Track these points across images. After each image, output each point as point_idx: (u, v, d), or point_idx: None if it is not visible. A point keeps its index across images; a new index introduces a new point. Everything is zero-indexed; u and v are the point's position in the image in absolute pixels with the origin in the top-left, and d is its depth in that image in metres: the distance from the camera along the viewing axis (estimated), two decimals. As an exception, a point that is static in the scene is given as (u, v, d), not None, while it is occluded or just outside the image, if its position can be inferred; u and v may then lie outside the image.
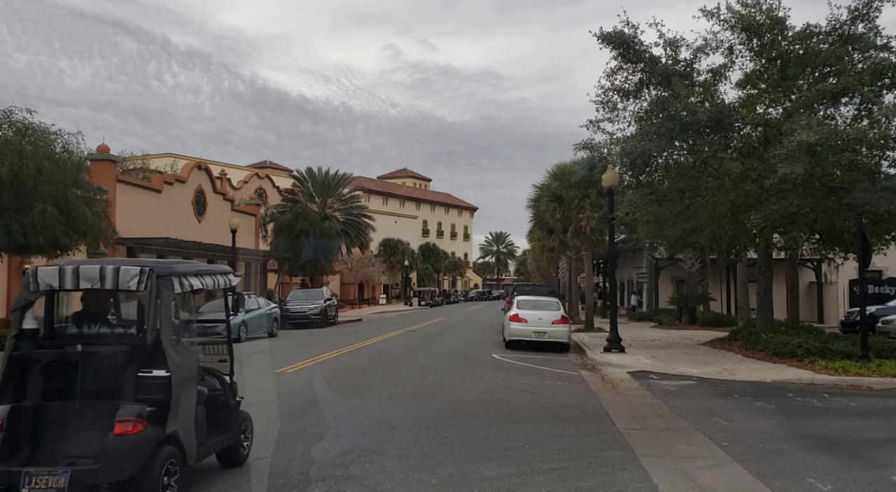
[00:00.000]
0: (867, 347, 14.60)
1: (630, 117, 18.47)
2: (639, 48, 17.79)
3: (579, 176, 30.85)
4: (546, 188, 35.22)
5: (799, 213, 15.80)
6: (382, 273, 70.93)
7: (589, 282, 34.15)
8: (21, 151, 16.95)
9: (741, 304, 26.23)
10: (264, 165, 74.23)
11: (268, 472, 6.65)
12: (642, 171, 18.26)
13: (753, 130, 17.95)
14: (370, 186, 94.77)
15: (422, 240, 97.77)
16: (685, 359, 17.04)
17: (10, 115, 18.17)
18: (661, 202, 18.34)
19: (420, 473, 6.63)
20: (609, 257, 22.65)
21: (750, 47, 17.57)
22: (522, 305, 21.45)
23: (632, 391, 12.53)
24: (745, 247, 21.54)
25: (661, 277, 36.43)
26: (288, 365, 15.55)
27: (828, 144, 14.28)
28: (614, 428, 8.96)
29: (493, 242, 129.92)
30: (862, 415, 10.22)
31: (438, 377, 14.03)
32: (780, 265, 23.67)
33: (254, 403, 10.70)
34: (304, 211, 44.20)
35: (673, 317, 31.63)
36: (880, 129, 14.80)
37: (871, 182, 15.28)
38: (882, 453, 7.65)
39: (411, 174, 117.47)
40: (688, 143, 17.81)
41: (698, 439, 8.11)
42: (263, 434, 8.26)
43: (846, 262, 22.03)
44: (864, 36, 16.52)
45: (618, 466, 6.95)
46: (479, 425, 9.07)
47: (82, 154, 20.47)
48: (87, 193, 19.59)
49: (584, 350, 20.09)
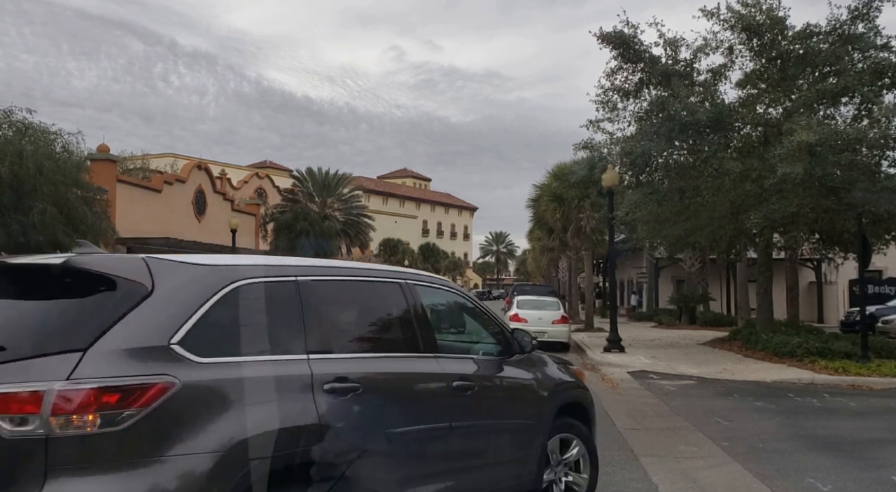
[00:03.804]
0: (867, 348, 14.60)
1: (630, 117, 18.48)
2: (639, 48, 17.79)
3: (579, 176, 30.84)
4: (546, 188, 35.23)
5: (799, 213, 15.80)
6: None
7: (589, 282, 34.15)
8: (21, 150, 16.98)
9: (741, 304, 26.24)
10: (264, 165, 74.28)
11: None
12: (642, 171, 18.27)
13: (753, 130, 17.96)
14: (370, 185, 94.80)
15: (422, 240, 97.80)
16: (685, 359, 17.03)
17: (10, 115, 18.19)
18: (661, 202, 18.35)
19: (420, 473, 6.61)
20: (609, 257, 22.65)
21: (750, 47, 17.57)
22: (522, 305, 21.48)
23: (632, 391, 12.53)
24: (745, 247, 21.54)
25: (661, 277, 36.44)
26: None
27: (828, 144, 14.28)
28: (614, 428, 8.94)
29: (493, 241, 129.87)
30: (862, 415, 10.22)
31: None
32: (780, 265, 23.67)
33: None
34: (304, 211, 44.22)
35: (673, 317, 31.64)
36: (880, 129, 14.81)
37: (871, 182, 15.28)
38: (882, 453, 7.64)
39: (411, 174, 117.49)
40: (688, 143, 17.81)
41: (698, 439, 8.10)
42: (263, 434, 8.25)
43: (846, 262, 22.03)
44: (864, 36, 16.52)
45: (618, 465, 6.94)
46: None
47: (82, 154, 20.52)
48: (87, 192, 19.63)
49: (584, 350, 20.09)
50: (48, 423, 2.59)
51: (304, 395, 3.28)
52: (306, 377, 3.33)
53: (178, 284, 3.11)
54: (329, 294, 3.80)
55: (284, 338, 3.39)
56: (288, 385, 3.25)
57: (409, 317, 4.19)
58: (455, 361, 4.45)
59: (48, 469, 2.58)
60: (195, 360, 2.95)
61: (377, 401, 3.64)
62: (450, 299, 4.96)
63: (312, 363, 3.39)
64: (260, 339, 3.31)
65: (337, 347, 3.69)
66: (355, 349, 3.84)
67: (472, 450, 4.34)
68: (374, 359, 3.87)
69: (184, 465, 2.78)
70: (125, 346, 2.82)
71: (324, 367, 3.43)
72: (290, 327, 3.43)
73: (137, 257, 3.16)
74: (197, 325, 3.03)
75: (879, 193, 14.87)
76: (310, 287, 3.62)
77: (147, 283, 3.01)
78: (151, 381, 2.78)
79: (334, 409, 3.36)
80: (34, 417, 2.59)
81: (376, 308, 4.18)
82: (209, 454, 2.83)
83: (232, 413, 2.96)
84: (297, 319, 3.47)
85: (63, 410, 2.61)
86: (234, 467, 2.89)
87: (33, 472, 2.57)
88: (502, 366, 4.80)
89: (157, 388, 2.78)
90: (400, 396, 3.91)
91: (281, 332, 3.39)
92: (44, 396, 2.60)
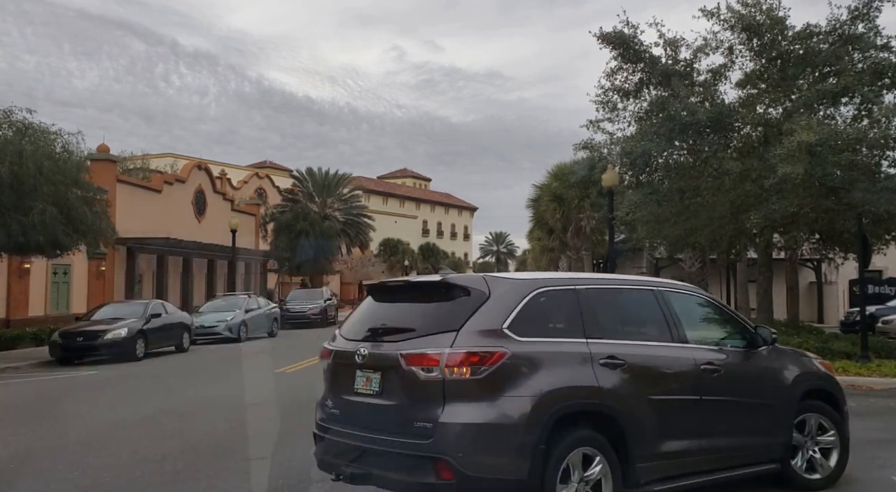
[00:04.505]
0: (867, 348, 14.58)
1: (630, 117, 18.47)
2: (638, 48, 17.78)
3: (579, 176, 30.85)
4: (546, 188, 35.24)
5: (799, 213, 15.79)
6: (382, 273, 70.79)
7: (589, 282, 34.12)
8: (21, 150, 16.95)
9: (741, 304, 26.22)
10: (264, 165, 74.21)
11: (268, 472, 6.65)
12: (642, 171, 18.26)
13: (753, 130, 17.95)
14: (370, 185, 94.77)
15: (422, 240, 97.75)
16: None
17: (9, 115, 18.16)
18: (661, 202, 18.34)
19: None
20: (609, 257, 22.65)
21: (750, 47, 17.56)
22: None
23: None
24: (745, 247, 21.52)
25: (661, 277, 36.41)
26: (288, 365, 15.55)
27: (828, 144, 14.27)
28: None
29: (493, 241, 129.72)
30: (862, 415, 10.19)
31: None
32: (780, 265, 23.65)
33: (254, 403, 10.71)
34: (304, 211, 44.23)
35: (673, 317, 31.57)
36: (880, 129, 14.80)
37: (871, 182, 15.27)
38: (882, 453, 7.64)
39: (411, 174, 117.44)
40: (688, 143, 17.80)
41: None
42: (263, 434, 8.26)
43: (846, 262, 22.02)
44: (864, 36, 16.50)
45: (618, 466, 6.94)
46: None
47: (82, 154, 20.48)
48: (87, 192, 19.60)
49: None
50: (443, 371, 4.52)
51: (585, 366, 4.89)
52: (587, 354, 4.93)
53: (504, 291, 4.93)
54: (599, 298, 5.38)
55: (570, 327, 5.06)
56: (575, 358, 4.89)
57: (661, 315, 5.60)
58: (702, 351, 5.68)
59: (445, 397, 4.51)
60: (517, 338, 4.71)
61: (639, 374, 5.14)
62: (698, 302, 6.20)
63: (591, 345, 4.99)
64: (554, 327, 5.06)
65: (607, 335, 5.16)
66: (621, 337, 5.29)
67: (721, 420, 5.61)
68: (635, 345, 5.32)
69: (515, 401, 4.54)
70: (478, 328, 4.67)
71: (599, 348, 5.00)
72: (572, 320, 5.09)
73: (479, 276, 5.11)
74: (516, 316, 4.79)
75: (879, 193, 14.86)
76: (585, 293, 5.28)
77: (486, 291, 4.88)
78: (494, 350, 4.58)
79: (607, 376, 4.93)
80: (435, 368, 4.55)
81: (635, 308, 5.69)
82: (529, 396, 4.56)
83: (540, 373, 4.68)
84: (577, 314, 5.11)
85: (450, 364, 4.52)
86: (544, 406, 4.57)
87: (438, 398, 4.53)
88: (747, 356, 6.00)
89: (498, 354, 4.58)
90: (655, 373, 5.35)
91: (567, 323, 5.08)
92: (440, 356, 4.55)
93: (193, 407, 10.72)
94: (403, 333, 4.88)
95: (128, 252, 30.39)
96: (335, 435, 5.12)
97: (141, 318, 19.24)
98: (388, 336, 4.98)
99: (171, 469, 6.91)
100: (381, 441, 4.71)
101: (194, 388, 13.17)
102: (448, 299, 4.91)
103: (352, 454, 4.93)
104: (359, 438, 4.89)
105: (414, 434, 4.52)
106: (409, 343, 4.75)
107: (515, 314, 4.78)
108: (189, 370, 16.19)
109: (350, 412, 5.05)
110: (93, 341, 18.19)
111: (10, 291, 24.56)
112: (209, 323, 24.09)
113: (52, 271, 26.66)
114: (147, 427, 9.17)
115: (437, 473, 4.43)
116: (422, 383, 4.56)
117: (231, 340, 23.80)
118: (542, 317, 4.96)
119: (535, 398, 4.55)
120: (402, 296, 5.40)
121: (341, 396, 5.18)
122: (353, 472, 4.86)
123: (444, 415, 4.46)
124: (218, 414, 10.00)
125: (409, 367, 4.63)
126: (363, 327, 5.25)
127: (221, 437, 8.42)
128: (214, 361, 18.06)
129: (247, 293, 30.45)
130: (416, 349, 4.66)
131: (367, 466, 4.79)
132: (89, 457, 7.51)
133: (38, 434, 8.88)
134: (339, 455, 5.03)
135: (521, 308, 4.83)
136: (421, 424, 4.51)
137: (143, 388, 13.51)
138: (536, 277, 5.30)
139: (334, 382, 5.37)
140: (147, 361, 18.29)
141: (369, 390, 4.90)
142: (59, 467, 7.07)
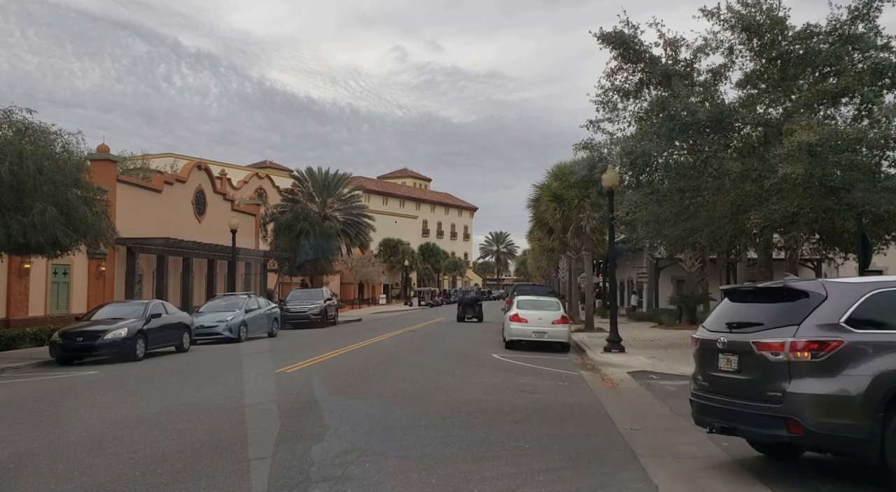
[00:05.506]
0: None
1: (630, 117, 18.50)
2: (639, 48, 17.80)
3: (579, 176, 30.79)
4: (546, 188, 35.20)
5: (799, 213, 15.80)
6: (382, 273, 70.95)
7: (589, 282, 34.15)
8: (21, 150, 16.92)
9: (741, 304, 26.19)
10: (264, 165, 74.26)
11: (268, 472, 6.65)
12: (642, 171, 18.26)
13: (753, 130, 17.96)
14: (370, 185, 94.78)
15: (422, 240, 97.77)
16: (685, 359, 17.01)
17: (9, 115, 18.14)
18: (661, 202, 18.34)
19: (420, 473, 6.62)
20: (609, 257, 22.64)
21: (750, 47, 17.57)
22: (522, 305, 21.42)
23: (632, 391, 12.53)
24: (745, 247, 21.55)
25: (661, 277, 36.42)
26: (288, 365, 15.54)
27: (828, 144, 14.28)
28: (614, 428, 8.96)
29: (493, 242, 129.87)
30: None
31: (438, 377, 14.02)
32: (780, 265, 23.66)
33: (254, 403, 10.71)
34: (304, 211, 44.20)
35: (673, 317, 31.61)
36: (880, 129, 14.81)
37: (871, 182, 15.28)
38: (882, 453, 7.64)
39: (411, 174, 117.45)
40: (688, 143, 17.82)
41: (698, 439, 8.09)
42: (263, 434, 8.26)
43: (846, 262, 22.04)
44: (864, 36, 16.52)
45: (618, 466, 6.95)
46: (478, 425, 9.06)
47: (82, 154, 20.46)
48: (87, 192, 19.57)
49: (584, 350, 20.08)
50: (788, 355, 5.93)
51: None
52: None
53: (840, 292, 6.14)
54: None
55: None
56: None
57: None
58: None
59: (791, 375, 5.91)
60: (853, 331, 5.90)
61: None
62: None
63: None
64: (888, 321, 6.00)
65: None
66: None
67: None
68: None
69: (854, 379, 5.74)
70: (817, 323, 5.97)
71: None
72: None
73: (818, 281, 6.50)
74: (853, 313, 5.98)
75: (879, 193, 14.87)
76: None
77: (823, 293, 6.14)
78: (832, 339, 5.86)
79: None
80: (781, 352, 5.98)
81: None
82: (867, 376, 5.72)
83: (876, 359, 5.78)
84: None
85: (792, 349, 5.91)
86: (880, 382, 5.68)
87: (785, 375, 5.94)
88: None
89: (835, 343, 5.84)
90: None
91: None
92: (784, 344, 5.97)
93: (193, 407, 10.72)
94: (754, 326, 6.38)
95: (128, 252, 30.39)
96: (706, 400, 6.71)
97: (141, 318, 19.21)
98: (742, 328, 6.48)
99: (171, 469, 6.90)
100: (741, 405, 6.24)
101: (194, 388, 13.16)
102: (790, 300, 6.32)
103: (720, 414, 6.53)
104: (724, 402, 6.45)
105: (767, 400, 5.99)
106: (759, 334, 6.22)
107: (852, 311, 5.97)
108: (189, 370, 16.18)
109: (716, 384, 6.62)
110: (93, 341, 18.16)
111: (10, 291, 24.56)
112: (209, 323, 24.07)
113: (52, 271, 26.66)
114: (147, 427, 9.16)
115: (788, 428, 5.86)
116: (771, 363, 6.01)
117: (231, 340, 23.78)
118: (876, 313, 6.02)
119: (872, 377, 5.66)
120: (752, 297, 6.92)
121: (708, 372, 6.78)
122: (723, 426, 6.54)
123: (790, 386, 5.86)
124: (218, 414, 9.99)
125: (759, 352, 6.10)
126: (722, 321, 6.83)
127: (221, 437, 8.41)
128: (214, 362, 18.05)
129: (247, 293, 30.43)
130: (765, 339, 6.12)
131: (732, 422, 6.41)
132: (89, 457, 7.49)
133: (38, 434, 8.87)
134: (711, 415, 6.66)
135: (858, 306, 6.00)
136: (772, 393, 5.95)
137: (143, 388, 13.50)
138: (870, 281, 6.43)
139: (702, 362, 6.97)
140: (147, 361, 18.27)
141: (730, 368, 6.46)
142: (59, 467, 7.06)
